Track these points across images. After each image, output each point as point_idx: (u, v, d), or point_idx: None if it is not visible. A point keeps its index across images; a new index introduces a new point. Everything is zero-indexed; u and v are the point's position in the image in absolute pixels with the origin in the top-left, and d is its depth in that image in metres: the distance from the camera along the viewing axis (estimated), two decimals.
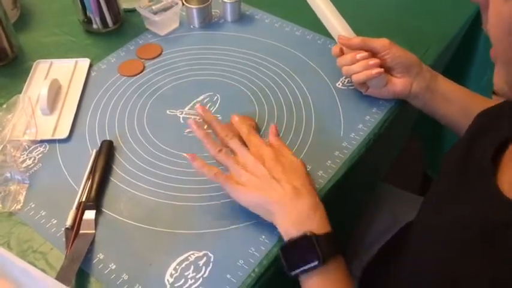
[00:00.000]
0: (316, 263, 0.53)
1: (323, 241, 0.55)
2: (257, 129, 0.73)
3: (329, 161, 0.70)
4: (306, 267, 0.54)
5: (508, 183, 0.46)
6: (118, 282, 0.57)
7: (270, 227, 0.61)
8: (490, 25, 0.40)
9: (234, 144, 0.63)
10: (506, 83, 0.42)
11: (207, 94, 0.80)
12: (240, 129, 0.67)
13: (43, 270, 0.57)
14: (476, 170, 0.50)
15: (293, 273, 0.55)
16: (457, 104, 0.73)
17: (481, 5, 0.42)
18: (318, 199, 0.59)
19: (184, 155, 0.64)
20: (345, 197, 0.77)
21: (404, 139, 0.96)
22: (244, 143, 0.65)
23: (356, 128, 0.74)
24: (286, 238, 0.57)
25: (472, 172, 0.51)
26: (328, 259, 0.54)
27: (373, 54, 0.73)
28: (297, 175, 0.60)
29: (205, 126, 0.70)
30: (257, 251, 0.60)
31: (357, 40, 0.73)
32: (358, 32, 0.76)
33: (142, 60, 0.87)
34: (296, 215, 0.57)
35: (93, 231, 0.62)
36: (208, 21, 0.94)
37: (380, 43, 0.72)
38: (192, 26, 0.94)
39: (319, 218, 0.57)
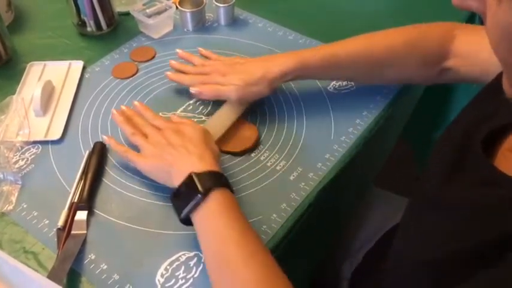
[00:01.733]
0: (197, 197, 0.55)
1: (203, 176, 0.57)
2: (258, 138, 0.74)
3: (320, 164, 0.70)
4: (190, 205, 0.56)
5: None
6: (109, 282, 0.58)
7: (260, 227, 0.62)
8: (487, 30, 0.40)
9: (147, 128, 0.69)
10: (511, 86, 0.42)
11: None
12: (145, 114, 0.72)
13: (34, 270, 0.57)
14: (471, 154, 0.50)
15: (182, 216, 0.57)
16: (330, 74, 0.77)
17: (480, 11, 0.41)
18: (208, 152, 0.62)
19: (103, 136, 0.72)
20: (336, 199, 0.78)
21: (394, 142, 0.97)
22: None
23: (346, 131, 0.75)
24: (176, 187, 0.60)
25: (469, 156, 0.51)
26: (208, 191, 0.55)
27: None
28: (191, 140, 0.63)
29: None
30: None
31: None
32: (353, 34, 0.76)
33: (136, 63, 0.87)
34: (185, 168, 0.59)
35: (85, 232, 0.63)
36: (202, 25, 0.95)
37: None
38: (185, 30, 0.95)
39: (205, 164, 0.60)
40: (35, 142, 0.74)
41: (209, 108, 0.79)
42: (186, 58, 0.84)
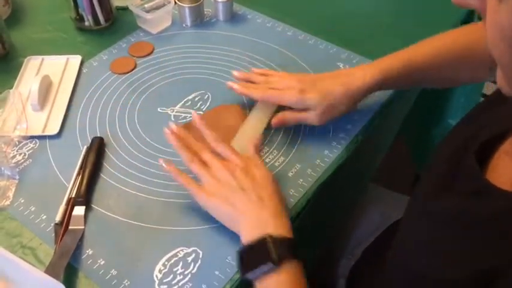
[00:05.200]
0: (269, 265, 0.53)
1: (279, 244, 0.54)
2: (243, 114, 0.75)
3: (318, 160, 0.70)
4: (259, 270, 0.53)
5: (504, 176, 0.47)
6: (107, 278, 0.58)
7: None
8: (486, 28, 0.39)
9: (206, 155, 0.64)
10: (508, 85, 0.41)
11: (198, 92, 0.80)
12: (206, 135, 0.66)
13: (32, 265, 0.57)
14: (464, 165, 0.50)
15: (247, 276, 0.54)
16: (410, 81, 0.73)
17: (480, 9, 0.40)
18: (282, 208, 0.59)
19: (160, 161, 0.65)
20: (334, 196, 0.78)
21: (393, 139, 0.97)
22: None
23: (345, 129, 0.75)
24: (245, 243, 0.57)
25: (462, 167, 0.51)
26: (282, 261, 0.53)
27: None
28: (264, 186, 0.60)
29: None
30: None
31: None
32: (353, 34, 0.77)
33: (134, 58, 0.87)
34: (257, 222, 0.57)
35: (83, 227, 0.62)
36: (200, 20, 0.95)
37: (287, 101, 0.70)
38: (184, 25, 0.95)
39: (280, 225, 0.57)
40: (32, 137, 0.73)
41: (208, 104, 0.79)
42: (245, 78, 0.76)
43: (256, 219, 0.57)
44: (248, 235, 0.57)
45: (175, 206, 0.65)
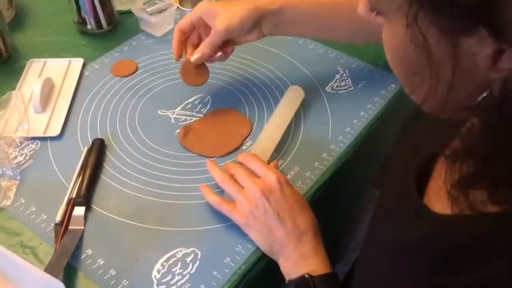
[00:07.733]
0: None
1: (320, 282, 0.56)
2: (242, 117, 0.76)
3: (317, 163, 0.71)
4: None
5: (435, 196, 0.47)
6: (105, 278, 0.58)
7: None
8: (386, 45, 0.41)
9: (240, 175, 0.63)
10: (409, 93, 0.43)
11: (199, 95, 0.81)
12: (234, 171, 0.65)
13: (32, 264, 0.57)
14: (404, 188, 0.50)
15: None
16: (307, 24, 0.75)
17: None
18: (319, 240, 0.60)
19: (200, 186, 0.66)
20: (333, 199, 0.78)
21: (392, 142, 0.97)
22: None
23: (344, 131, 0.75)
24: (286, 279, 0.58)
25: (403, 190, 0.50)
26: None
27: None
28: (301, 213, 0.60)
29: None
30: (244, 249, 0.61)
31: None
32: None
33: (136, 61, 0.88)
34: (297, 257, 0.58)
35: (82, 227, 0.63)
36: None
37: None
38: None
39: (318, 259, 0.58)
40: (34, 138, 0.74)
41: (208, 107, 0.79)
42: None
43: (297, 254, 0.58)
44: (289, 271, 0.58)
45: (174, 207, 0.65)
